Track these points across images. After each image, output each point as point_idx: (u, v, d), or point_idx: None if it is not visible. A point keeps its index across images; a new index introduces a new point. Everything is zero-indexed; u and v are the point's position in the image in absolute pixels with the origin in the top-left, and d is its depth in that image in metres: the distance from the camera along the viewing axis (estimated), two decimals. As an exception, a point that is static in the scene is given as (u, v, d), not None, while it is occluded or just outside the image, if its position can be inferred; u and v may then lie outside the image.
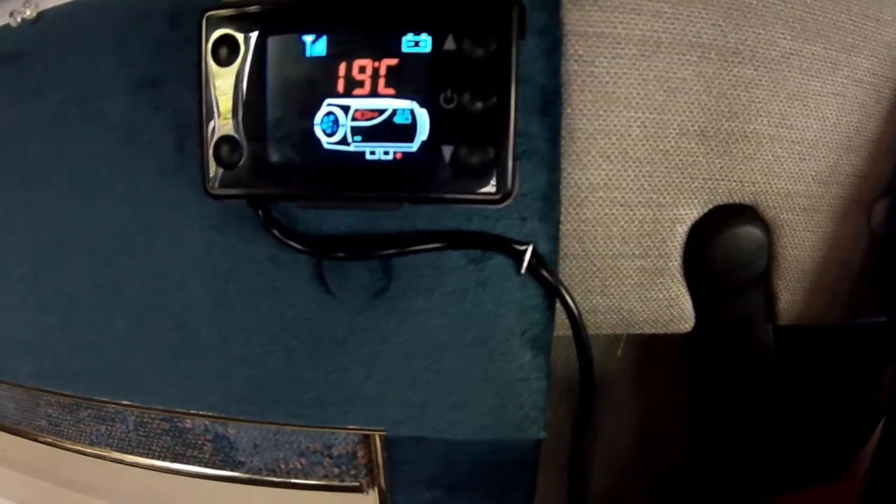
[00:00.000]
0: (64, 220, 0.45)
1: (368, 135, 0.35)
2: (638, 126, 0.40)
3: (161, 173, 0.41)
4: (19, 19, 0.44)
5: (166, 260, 0.42)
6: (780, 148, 0.42)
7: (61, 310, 0.46)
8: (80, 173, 0.43)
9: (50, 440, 0.51)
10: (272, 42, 0.35)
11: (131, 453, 0.48)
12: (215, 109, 0.36)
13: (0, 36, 0.45)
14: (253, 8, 0.36)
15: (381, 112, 0.35)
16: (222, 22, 0.36)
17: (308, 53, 0.35)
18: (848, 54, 0.41)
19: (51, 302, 0.46)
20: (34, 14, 0.44)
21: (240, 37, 0.36)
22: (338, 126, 0.35)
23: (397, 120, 0.35)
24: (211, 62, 0.36)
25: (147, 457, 0.47)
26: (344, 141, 0.35)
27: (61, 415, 0.49)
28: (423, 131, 0.34)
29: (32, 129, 0.44)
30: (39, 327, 0.46)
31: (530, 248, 0.38)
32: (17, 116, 0.44)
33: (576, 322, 0.40)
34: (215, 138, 0.36)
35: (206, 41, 0.36)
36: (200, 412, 0.43)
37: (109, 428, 0.48)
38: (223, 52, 0.36)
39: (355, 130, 0.35)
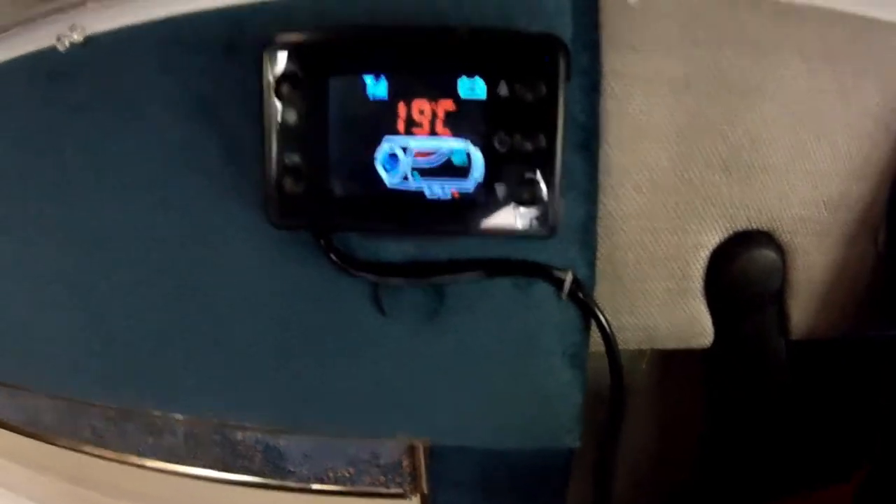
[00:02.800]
0: (100, 224, 0.45)
1: (427, 173, 0.37)
2: (667, 159, 0.43)
3: (215, 194, 0.43)
4: (67, 43, 0.44)
5: (225, 280, 0.44)
6: (796, 178, 0.45)
7: (107, 322, 0.47)
8: (120, 180, 0.44)
9: (93, 451, 0.53)
10: (334, 81, 0.38)
11: (180, 464, 0.50)
12: (277, 143, 0.39)
13: (46, 56, 0.46)
14: (314, 47, 0.38)
15: (439, 152, 0.37)
16: (283, 59, 0.38)
17: (369, 93, 0.37)
18: (860, 90, 0.45)
19: (96, 315, 0.47)
20: (81, 38, 0.44)
21: (301, 74, 0.38)
22: (398, 163, 0.38)
23: (454, 160, 0.37)
24: (273, 97, 0.38)
25: (196, 466, 0.50)
26: (404, 178, 0.38)
27: (106, 426, 0.51)
28: (478, 171, 0.37)
29: (73, 136, 0.45)
30: (72, 326, 0.47)
31: (570, 275, 0.41)
32: (61, 126, 0.45)
33: (610, 343, 0.43)
34: (278, 171, 0.39)
35: (267, 77, 0.38)
36: (253, 424, 0.45)
37: (157, 440, 0.50)
38: (284, 88, 0.38)
39: (414, 168, 0.37)
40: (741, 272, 0.47)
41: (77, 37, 0.44)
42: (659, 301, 0.46)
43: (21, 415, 0.53)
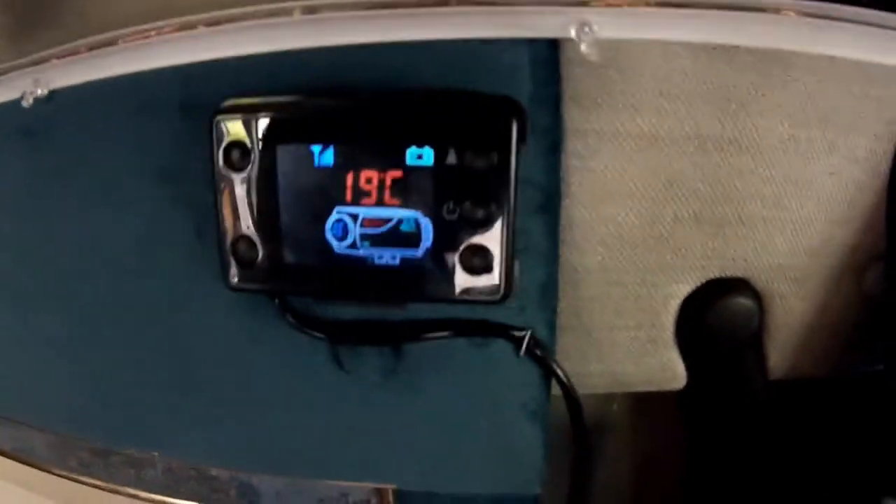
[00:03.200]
0: (94, 297, 0.48)
1: (376, 241, 0.37)
2: (634, 215, 0.41)
3: (184, 260, 0.44)
4: (31, 100, 0.45)
5: (194, 339, 0.45)
6: (774, 228, 0.43)
7: (91, 370, 0.49)
8: (107, 254, 0.46)
9: (81, 479, 0.55)
10: (281, 150, 0.37)
11: (160, 494, 0.52)
12: (230, 210, 0.38)
13: (12, 110, 0.46)
14: (262, 115, 0.37)
15: (388, 221, 0.37)
16: (233, 127, 0.37)
17: (317, 163, 0.37)
18: (847, 135, 0.42)
19: (83, 367, 0.49)
20: (45, 93, 0.45)
21: (250, 143, 0.37)
22: (347, 232, 0.37)
23: (403, 228, 0.37)
24: (223, 165, 0.38)
25: (175, 497, 0.52)
26: (353, 245, 0.37)
27: (92, 458, 0.54)
28: (427, 238, 0.36)
29: (59, 209, 0.46)
30: (74, 387, 0.50)
31: (528, 335, 0.41)
32: (44, 194, 0.46)
33: (570, 397, 0.43)
34: (232, 237, 0.39)
35: (218, 145, 0.38)
36: (229, 468, 0.47)
37: (139, 472, 0.52)
38: (235, 156, 0.38)
39: (364, 237, 0.37)
40: (715, 319, 0.46)
41: (41, 91, 0.44)
42: (628, 349, 0.45)
43: (15, 444, 0.55)
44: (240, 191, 0.38)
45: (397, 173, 0.36)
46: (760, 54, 0.39)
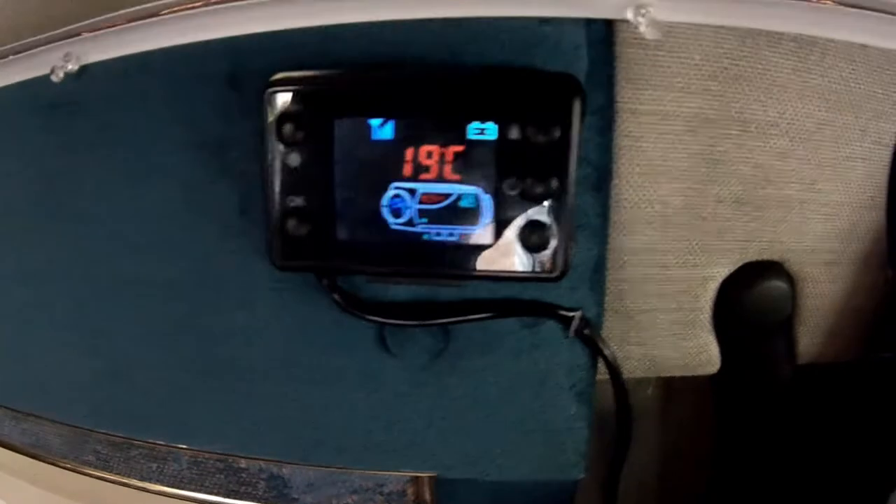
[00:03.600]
0: (113, 272, 0.46)
1: (434, 217, 0.36)
2: (680, 195, 0.42)
3: (224, 235, 0.42)
4: (62, 74, 0.43)
5: (229, 316, 0.43)
6: (809, 210, 0.44)
7: (115, 356, 0.47)
8: (134, 227, 0.44)
9: (97, 474, 0.53)
10: (339, 123, 0.36)
11: (183, 488, 0.50)
12: (280, 184, 0.37)
13: (41, 86, 0.44)
14: (318, 88, 0.37)
15: (447, 196, 0.36)
16: (287, 100, 0.36)
17: (375, 136, 0.36)
18: (877, 121, 0.44)
19: (103, 349, 0.47)
20: (76, 68, 0.43)
21: (305, 116, 0.36)
22: (404, 208, 0.37)
23: (462, 204, 0.36)
24: (275, 139, 0.37)
25: (199, 492, 0.50)
26: (410, 223, 0.37)
27: (111, 452, 0.51)
28: (487, 215, 0.36)
29: (87, 181, 0.44)
30: (93, 371, 0.48)
31: (578, 315, 0.41)
32: (70, 167, 0.45)
33: (617, 377, 0.43)
34: (282, 212, 0.38)
35: (271, 118, 0.37)
36: (261, 457, 0.45)
37: (161, 465, 0.50)
38: (287, 129, 0.37)
39: (421, 213, 0.36)
40: (751, 302, 0.46)
41: (72, 67, 0.42)
42: (667, 332, 0.46)
43: (27, 439, 0.53)
44: (291, 165, 0.37)
45: (459, 148, 0.35)
46: (801, 41, 0.40)
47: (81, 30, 0.42)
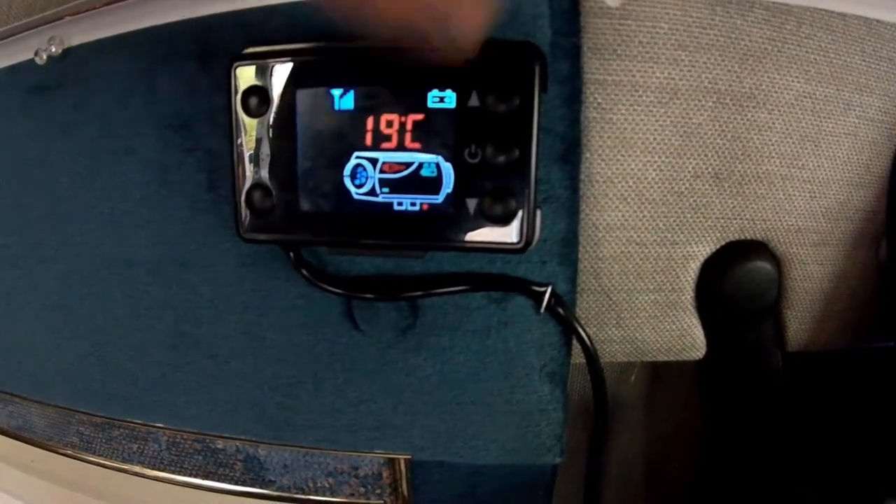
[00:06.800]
0: (96, 253, 0.46)
1: (396, 187, 0.36)
2: (654, 169, 0.41)
3: (193, 212, 0.43)
4: (45, 57, 0.44)
5: (200, 294, 0.44)
6: (792, 187, 0.43)
7: (95, 337, 0.48)
8: (111, 208, 0.45)
9: (81, 456, 0.53)
10: (301, 94, 0.37)
11: (163, 470, 0.50)
12: (246, 158, 0.38)
13: (26, 70, 0.46)
14: (281, 61, 0.37)
15: (408, 165, 0.36)
16: (251, 73, 0.37)
17: (336, 107, 0.36)
18: (860, 95, 0.42)
19: (84, 329, 0.48)
20: (59, 51, 0.44)
21: (269, 89, 0.37)
22: (366, 178, 0.37)
23: (423, 173, 0.36)
24: (241, 112, 0.37)
25: (179, 474, 0.50)
26: (372, 192, 0.37)
27: (93, 433, 0.52)
28: (448, 184, 0.36)
29: (63, 162, 0.45)
30: (74, 352, 0.48)
31: (549, 290, 0.40)
32: (48, 149, 0.46)
33: (592, 358, 0.41)
34: (247, 186, 0.38)
35: (236, 92, 0.37)
36: (234, 436, 0.45)
37: (142, 446, 0.50)
38: (253, 102, 0.37)
39: (383, 182, 0.36)
40: (735, 284, 0.45)
41: (55, 49, 0.44)
42: (647, 314, 0.45)
43: (13, 421, 0.53)
44: (256, 137, 0.37)
45: (418, 116, 0.35)
46: (774, 9, 0.39)
47: (65, 13, 0.44)
